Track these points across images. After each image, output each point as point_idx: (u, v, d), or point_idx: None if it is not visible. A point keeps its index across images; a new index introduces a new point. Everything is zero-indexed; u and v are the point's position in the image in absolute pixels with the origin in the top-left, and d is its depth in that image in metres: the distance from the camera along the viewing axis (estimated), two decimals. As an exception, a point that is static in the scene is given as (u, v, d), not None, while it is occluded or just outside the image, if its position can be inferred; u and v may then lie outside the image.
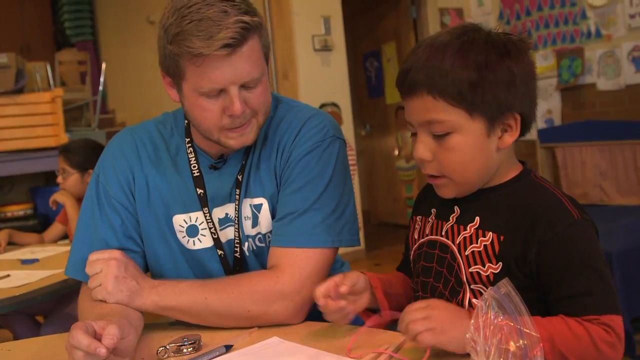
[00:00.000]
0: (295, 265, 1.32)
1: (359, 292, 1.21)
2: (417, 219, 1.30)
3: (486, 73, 1.06)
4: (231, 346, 1.19)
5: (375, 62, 7.21)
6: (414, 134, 1.16)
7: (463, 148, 1.10)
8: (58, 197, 3.11)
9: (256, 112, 1.34)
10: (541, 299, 1.08)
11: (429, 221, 1.25)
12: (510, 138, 1.13)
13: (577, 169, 5.02)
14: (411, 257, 1.28)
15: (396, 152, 7.04)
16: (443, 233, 1.20)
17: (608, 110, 5.06)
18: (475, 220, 1.14)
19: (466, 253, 1.14)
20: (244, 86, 1.30)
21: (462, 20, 6.29)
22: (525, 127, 1.14)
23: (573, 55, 5.19)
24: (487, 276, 1.10)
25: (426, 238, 1.24)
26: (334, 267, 1.59)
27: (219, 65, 1.25)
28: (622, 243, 3.27)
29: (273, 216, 1.41)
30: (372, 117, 7.43)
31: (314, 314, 1.37)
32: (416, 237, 1.28)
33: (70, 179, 3.02)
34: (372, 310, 1.25)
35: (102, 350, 1.00)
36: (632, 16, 4.83)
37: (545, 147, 5.25)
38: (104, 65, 7.19)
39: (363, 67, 7.44)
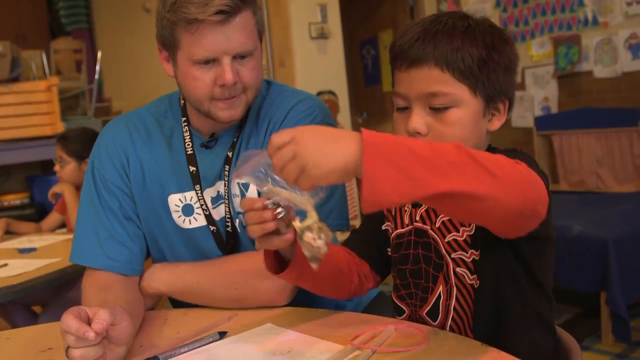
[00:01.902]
0: None
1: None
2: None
3: (493, 53, 1.11)
4: (225, 333, 1.20)
5: (372, 50, 7.19)
6: (401, 110, 1.15)
7: (462, 123, 1.11)
8: (57, 188, 3.13)
9: (246, 88, 1.37)
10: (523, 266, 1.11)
11: (405, 210, 1.26)
12: (498, 122, 1.17)
13: (573, 156, 5.02)
14: (391, 247, 1.29)
15: (393, 140, 7.03)
16: (417, 219, 1.21)
17: (605, 98, 5.05)
18: None
19: (437, 226, 1.17)
20: (236, 58, 1.33)
21: (459, 8, 6.27)
22: (508, 115, 1.18)
23: (570, 43, 5.18)
24: (464, 240, 1.13)
25: (407, 228, 1.25)
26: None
27: (212, 33, 1.29)
28: (618, 230, 3.28)
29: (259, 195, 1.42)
30: (368, 105, 7.41)
31: (307, 301, 1.39)
32: (392, 226, 1.28)
33: (67, 168, 3.02)
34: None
35: (91, 334, 1.00)
36: (629, 4, 4.82)
37: (542, 135, 5.24)
38: (99, 54, 7.17)
39: (360, 54, 7.41)
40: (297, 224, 0.99)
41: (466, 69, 1.09)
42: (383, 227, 1.31)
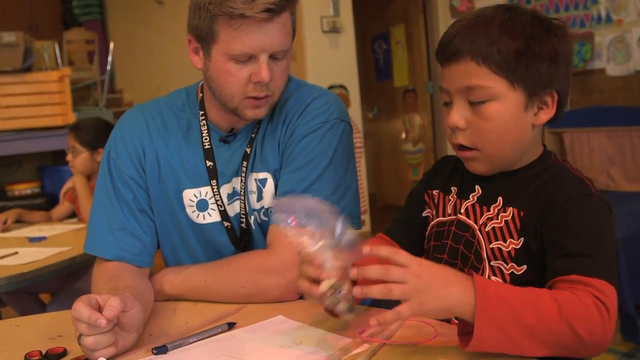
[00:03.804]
0: (287, 243, 1.34)
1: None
2: (434, 193, 1.29)
3: (532, 44, 1.08)
4: (234, 324, 1.20)
5: (383, 45, 7.18)
6: (447, 104, 1.16)
7: (500, 117, 1.10)
8: (69, 184, 3.16)
9: (275, 89, 1.37)
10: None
11: (449, 199, 1.24)
12: (545, 116, 1.14)
13: (584, 155, 5.01)
14: (427, 233, 1.29)
15: (403, 136, 7.03)
16: (462, 211, 1.20)
17: (617, 96, 5.03)
18: (498, 201, 1.15)
19: (486, 229, 1.14)
20: (271, 57, 1.33)
21: (472, 3, 6.24)
22: (559, 109, 1.15)
23: (583, 40, 5.16)
24: (509, 252, 1.11)
25: (448, 218, 1.23)
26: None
27: (255, 31, 1.28)
28: (628, 229, 3.27)
29: (277, 192, 1.43)
30: (379, 100, 7.41)
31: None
32: (433, 213, 1.27)
33: (79, 157, 3.03)
34: None
35: (102, 321, 1.01)
36: (643, 1, 4.79)
37: (553, 132, 5.23)
38: (111, 45, 7.19)
39: (371, 49, 7.41)
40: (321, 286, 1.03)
41: (502, 61, 1.07)
42: (424, 214, 1.31)
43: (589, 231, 1.03)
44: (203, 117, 1.47)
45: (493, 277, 1.12)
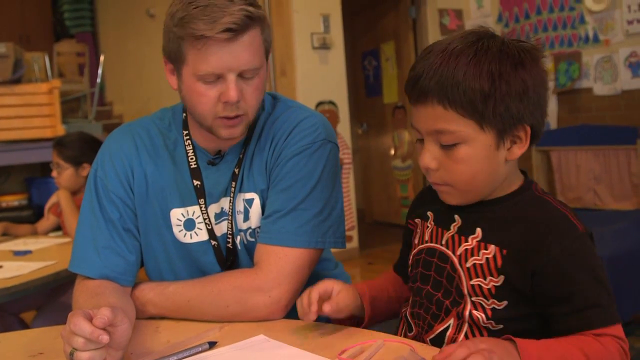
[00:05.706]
0: (274, 263, 1.36)
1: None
2: (417, 222, 1.28)
3: (500, 84, 1.04)
4: (215, 343, 1.20)
5: (373, 61, 7.21)
6: (420, 140, 1.14)
7: (471, 160, 1.08)
8: (54, 198, 3.14)
9: (248, 108, 1.36)
10: (539, 317, 1.09)
11: (427, 226, 1.23)
12: (519, 150, 1.11)
13: (571, 173, 5.04)
14: (410, 261, 1.27)
15: (392, 152, 7.05)
16: (443, 242, 1.18)
17: (604, 115, 5.07)
18: (477, 232, 1.13)
19: (467, 265, 1.12)
20: (241, 76, 1.33)
21: (462, 22, 6.29)
22: (534, 138, 1.12)
23: (570, 60, 5.20)
24: (489, 289, 1.10)
25: (425, 245, 1.22)
26: (327, 268, 1.62)
27: (218, 50, 1.28)
28: (614, 248, 3.28)
29: (264, 212, 1.43)
30: (369, 116, 7.43)
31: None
32: (416, 242, 1.26)
33: (65, 174, 2.99)
34: (357, 321, 1.31)
35: (105, 337, 1.02)
36: (629, 22, 4.84)
37: (540, 151, 5.26)
38: (102, 58, 7.20)
39: (361, 65, 7.44)
40: None
41: (469, 104, 1.04)
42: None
43: (592, 279, 1.05)
44: (187, 137, 1.48)
45: (475, 312, 1.11)
